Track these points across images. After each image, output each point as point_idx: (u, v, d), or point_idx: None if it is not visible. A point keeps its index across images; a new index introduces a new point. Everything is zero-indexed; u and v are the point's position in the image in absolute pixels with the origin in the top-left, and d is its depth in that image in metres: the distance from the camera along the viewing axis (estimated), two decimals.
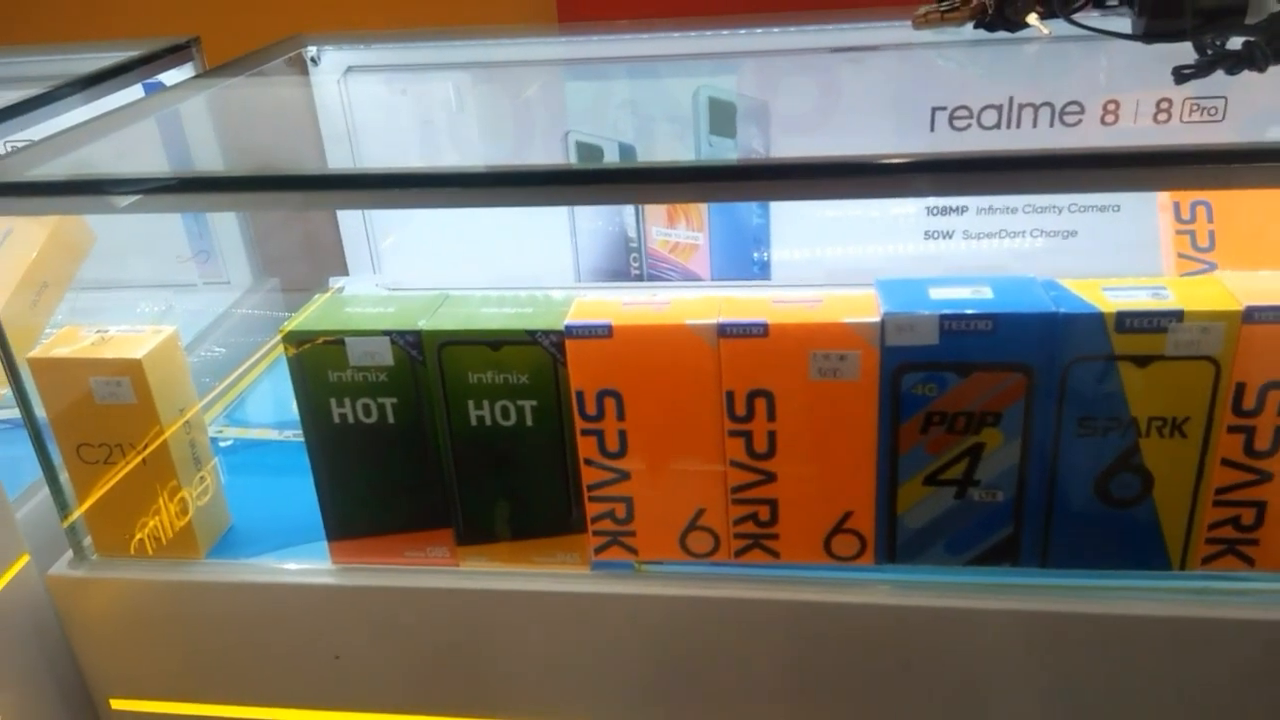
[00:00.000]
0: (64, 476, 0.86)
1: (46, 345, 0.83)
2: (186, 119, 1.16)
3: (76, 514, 0.87)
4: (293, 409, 0.79)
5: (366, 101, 1.21)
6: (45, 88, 1.03)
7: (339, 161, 1.23)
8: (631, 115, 1.18)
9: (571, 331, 0.73)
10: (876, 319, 0.70)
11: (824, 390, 0.72)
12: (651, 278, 1.23)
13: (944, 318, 0.69)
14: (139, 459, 0.84)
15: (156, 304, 1.26)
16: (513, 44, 1.21)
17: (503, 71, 1.20)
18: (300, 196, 0.82)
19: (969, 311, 0.69)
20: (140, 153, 1.04)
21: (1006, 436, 0.72)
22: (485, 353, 0.75)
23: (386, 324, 0.76)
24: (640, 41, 1.16)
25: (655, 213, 1.20)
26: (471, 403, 0.77)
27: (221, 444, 1.03)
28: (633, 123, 1.18)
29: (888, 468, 0.74)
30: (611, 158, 1.19)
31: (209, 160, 1.21)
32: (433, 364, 0.76)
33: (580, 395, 0.75)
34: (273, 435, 1.04)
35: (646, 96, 1.17)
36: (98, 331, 0.85)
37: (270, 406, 1.10)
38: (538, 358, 0.74)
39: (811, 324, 0.71)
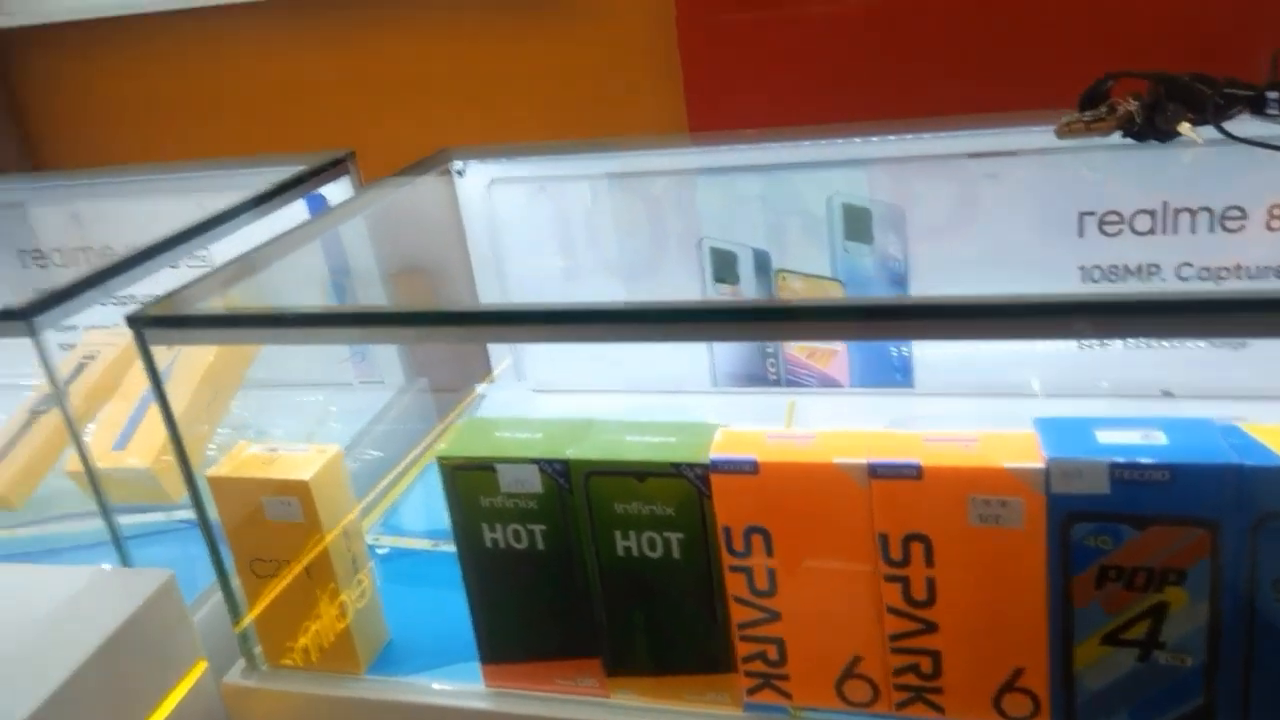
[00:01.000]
0: (235, 582, 0.91)
1: (222, 463, 0.89)
2: (346, 238, 1.24)
3: (246, 620, 0.92)
4: (444, 519, 0.81)
5: (510, 212, 1.26)
6: (230, 199, 1.13)
7: (485, 276, 1.28)
8: (765, 221, 1.19)
9: (717, 466, 0.73)
10: (1040, 465, 0.66)
11: (986, 537, 0.69)
12: (789, 383, 1.23)
13: (1114, 466, 0.65)
14: (304, 573, 0.88)
15: (318, 407, 1.33)
16: (647, 154, 1.24)
17: (638, 180, 1.23)
18: (456, 331, 0.87)
19: (1143, 460, 0.64)
20: (304, 277, 1.11)
21: (1192, 596, 0.66)
22: (631, 483, 0.75)
23: (535, 452, 0.77)
24: (771, 150, 1.17)
25: None
26: (618, 532, 0.77)
27: (378, 551, 1.06)
28: (766, 228, 1.19)
29: (1061, 624, 0.70)
30: (746, 263, 1.20)
31: (368, 279, 1.28)
32: (580, 493, 0.77)
33: (728, 531, 0.74)
34: (426, 545, 1.07)
35: (779, 202, 1.17)
36: (269, 449, 0.90)
37: (423, 515, 1.13)
38: (683, 490, 0.74)
39: (969, 467, 0.68)
